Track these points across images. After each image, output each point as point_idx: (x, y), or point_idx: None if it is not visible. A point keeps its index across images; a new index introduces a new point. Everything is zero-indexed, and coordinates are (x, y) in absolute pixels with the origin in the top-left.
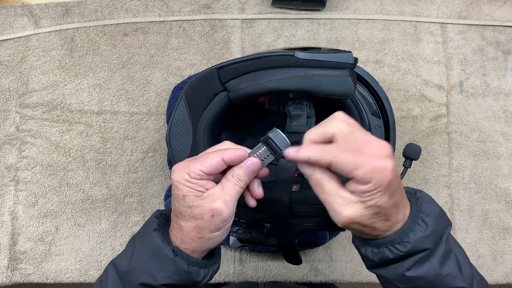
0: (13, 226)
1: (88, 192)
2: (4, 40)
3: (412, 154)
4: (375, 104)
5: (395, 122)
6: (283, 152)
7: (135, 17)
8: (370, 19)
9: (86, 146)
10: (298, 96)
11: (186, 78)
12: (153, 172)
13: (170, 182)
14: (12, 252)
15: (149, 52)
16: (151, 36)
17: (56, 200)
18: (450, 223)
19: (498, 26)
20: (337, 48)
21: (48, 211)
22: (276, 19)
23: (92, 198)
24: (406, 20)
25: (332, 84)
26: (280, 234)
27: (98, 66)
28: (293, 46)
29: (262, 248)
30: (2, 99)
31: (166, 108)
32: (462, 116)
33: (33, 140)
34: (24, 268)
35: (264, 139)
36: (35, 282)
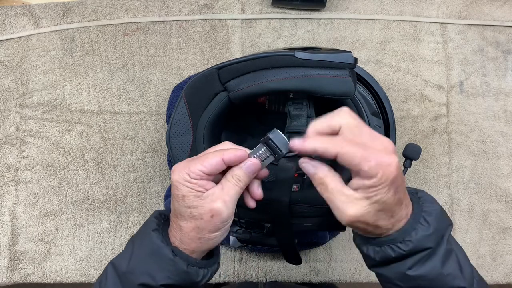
0: (13, 226)
1: (88, 192)
2: (4, 40)
3: (412, 154)
4: (375, 104)
5: (395, 122)
6: (283, 153)
7: (135, 17)
8: (370, 19)
9: (86, 146)
10: (298, 96)
11: (186, 78)
12: (153, 172)
13: (170, 182)
14: (12, 252)
15: (149, 52)
16: (151, 36)
17: (56, 200)
18: (451, 223)
19: (498, 26)
20: (337, 48)
21: (48, 211)
22: (276, 19)
23: (92, 198)
24: (406, 20)
25: (332, 84)
26: (280, 234)
27: (98, 66)
28: (293, 46)
29: (262, 248)
30: (2, 99)
31: (166, 108)
32: (462, 116)
33: (33, 140)
34: (24, 268)
35: (264, 140)
36: (35, 282)
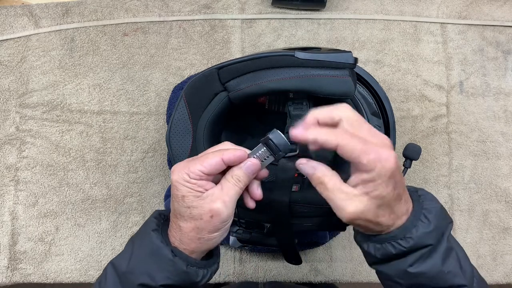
0: (13, 226)
1: (88, 192)
2: (4, 40)
3: (412, 154)
4: (375, 104)
5: (395, 122)
6: (283, 153)
7: (135, 17)
8: (370, 19)
9: (86, 146)
10: (298, 96)
11: (186, 78)
12: (153, 172)
13: (170, 182)
14: (12, 252)
15: (149, 52)
16: (151, 36)
17: (56, 200)
18: (451, 221)
19: (498, 26)
20: (337, 48)
21: (48, 211)
22: (276, 19)
23: (92, 198)
24: (406, 20)
25: (332, 84)
26: (280, 234)
27: (98, 66)
28: (293, 46)
29: (262, 248)
30: (2, 99)
31: (166, 108)
32: (462, 116)
33: (33, 140)
34: (24, 268)
35: (264, 140)
36: (35, 282)
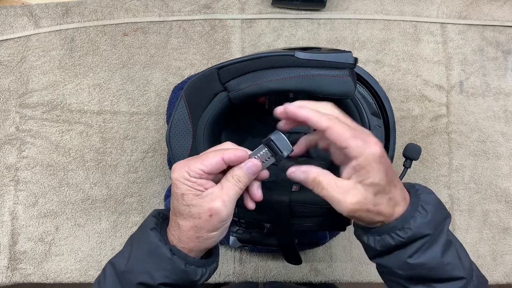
0: (13, 226)
1: (88, 192)
2: (4, 40)
3: (412, 154)
4: (375, 104)
5: (395, 122)
6: (284, 154)
7: (135, 17)
8: (370, 19)
9: (86, 146)
10: (298, 96)
11: (186, 78)
12: (153, 172)
13: (170, 182)
14: (12, 252)
15: (149, 52)
16: (151, 36)
17: (56, 200)
18: (449, 215)
19: (498, 26)
20: (337, 48)
21: (48, 211)
22: (276, 19)
23: (92, 198)
24: (406, 20)
25: (332, 84)
26: (280, 234)
27: (98, 66)
28: (293, 46)
29: (262, 248)
30: (2, 99)
31: (166, 108)
32: (462, 116)
33: (33, 140)
34: (24, 268)
35: (266, 141)
36: (35, 282)
